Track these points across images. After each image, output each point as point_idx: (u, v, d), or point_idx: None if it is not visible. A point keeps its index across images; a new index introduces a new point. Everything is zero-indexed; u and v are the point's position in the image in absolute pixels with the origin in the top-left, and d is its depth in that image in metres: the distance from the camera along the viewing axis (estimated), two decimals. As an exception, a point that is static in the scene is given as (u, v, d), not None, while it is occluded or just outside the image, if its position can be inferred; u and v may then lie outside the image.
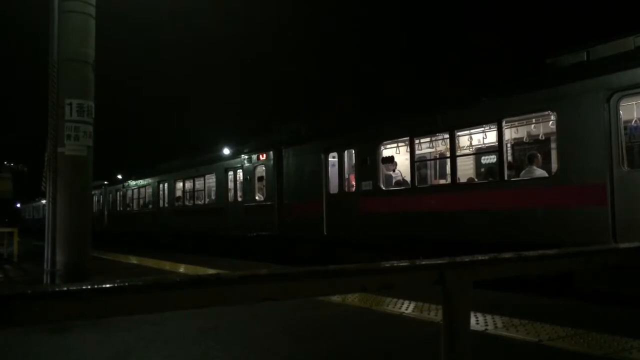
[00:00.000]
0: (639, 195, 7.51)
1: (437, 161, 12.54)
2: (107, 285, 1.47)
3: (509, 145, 10.65)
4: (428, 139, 11.91)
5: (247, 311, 6.20)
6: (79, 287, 1.43)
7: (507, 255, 2.19)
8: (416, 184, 11.36)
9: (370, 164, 12.21)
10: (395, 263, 1.90)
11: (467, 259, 2.06)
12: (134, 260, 15.80)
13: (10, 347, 5.04)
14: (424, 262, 1.97)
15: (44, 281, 7.63)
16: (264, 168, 16.66)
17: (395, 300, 6.97)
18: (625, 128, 8.06)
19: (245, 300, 1.67)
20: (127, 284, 1.50)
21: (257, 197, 17.09)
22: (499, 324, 5.45)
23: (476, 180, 11.03)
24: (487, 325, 5.43)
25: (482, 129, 10.72)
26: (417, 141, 11.57)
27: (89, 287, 1.44)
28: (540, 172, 9.26)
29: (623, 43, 8.46)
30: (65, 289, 1.37)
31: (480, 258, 2.10)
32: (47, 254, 7.50)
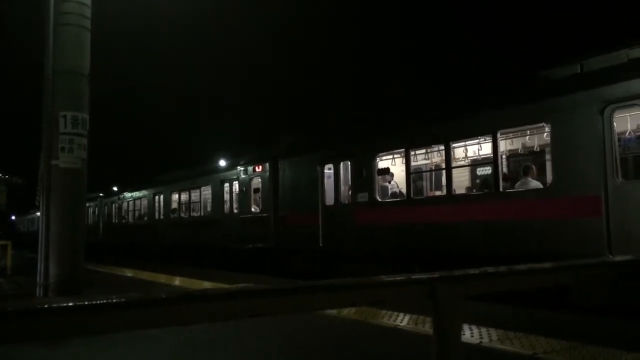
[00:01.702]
0: (633, 206, 7.51)
1: (433, 173, 12.54)
2: (93, 302, 1.45)
3: (504, 156, 10.66)
4: (424, 151, 11.92)
5: (242, 324, 6.13)
6: (63, 305, 1.40)
7: (499, 269, 2.18)
8: (412, 196, 11.36)
9: (366, 176, 12.21)
10: (385, 278, 1.88)
11: (458, 273, 2.04)
12: (129, 272, 15.70)
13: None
14: (415, 277, 1.95)
15: (37, 294, 7.56)
16: (259, 180, 16.63)
17: (390, 312, 6.93)
18: (619, 140, 8.08)
19: (233, 317, 1.65)
20: (113, 300, 1.48)
21: (253, 209, 17.05)
22: (494, 337, 5.42)
23: (474, 190, 11.04)
24: (481, 337, 5.39)
25: (477, 140, 10.74)
26: (412, 153, 11.58)
27: (74, 304, 1.42)
28: (535, 184, 9.26)
29: (616, 56, 8.51)
30: (46, 306, 1.35)
31: (471, 272, 2.08)
32: (41, 266, 7.44)
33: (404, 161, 11.57)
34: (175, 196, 22.95)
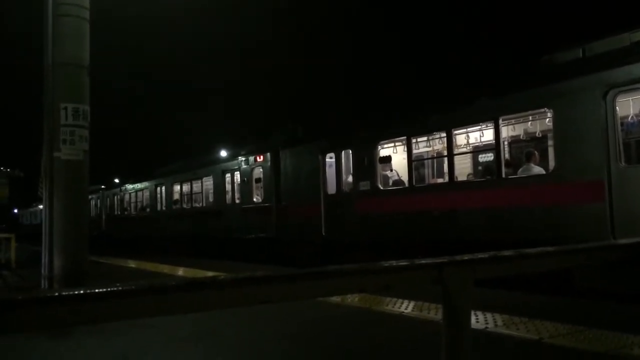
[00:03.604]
0: (636, 191, 7.50)
1: (435, 160, 12.53)
2: (101, 290, 1.44)
3: (506, 143, 10.63)
4: (425, 138, 11.89)
5: (245, 313, 6.17)
6: (71, 292, 1.40)
7: (507, 253, 2.17)
8: (414, 184, 11.34)
9: (368, 164, 12.19)
10: (394, 263, 1.87)
11: (466, 258, 2.03)
12: (132, 264, 15.75)
13: (6, 352, 5.00)
14: (423, 262, 1.94)
15: (42, 286, 7.58)
16: (261, 170, 16.62)
17: (394, 299, 6.94)
18: (622, 124, 8.04)
19: (241, 304, 1.64)
20: (121, 288, 1.47)
21: (254, 199, 17.05)
22: (499, 322, 5.43)
23: (476, 178, 11.02)
24: (487, 323, 5.40)
25: (479, 127, 10.71)
26: (414, 140, 11.54)
27: (82, 292, 1.42)
28: (537, 170, 9.24)
29: (618, 39, 8.46)
30: (56, 294, 1.34)
31: (480, 256, 2.07)
32: (45, 259, 7.44)
33: (406, 149, 11.55)
34: (176, 187, 22.97)
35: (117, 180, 32.09)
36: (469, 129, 10.99)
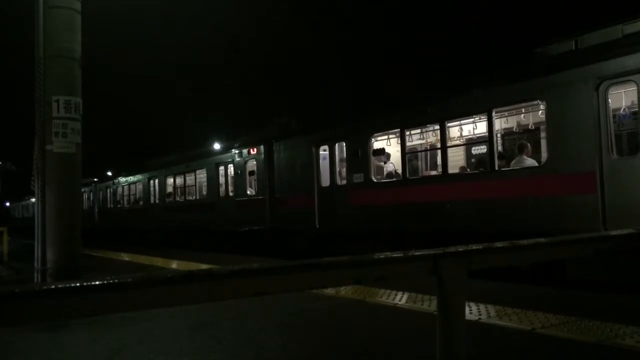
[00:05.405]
0: (628, 182, 7.55)
1: (428, 152, 12.55)
2: (96, 283, 1.44)
3: (499, 135, 10.67)
4: (419, 131, 11.90)
5: (241, 306, 6.19)
6: (66, 285, 1.40)
7: (502, 244, 2.18)
8: (407, 176, 11.37)
9: (362, 157, 12.20)
10: (389, 254, 1.88)
11: (461, 249, 2.04)
12: (125, 257, 15.72)
13: (4, 344, 4.99)
14: (418, 253, 1.96)
15: (35, 280, 7.56)
16: (254, 162, 16.60)
17: (388, 291, 6.97)
18: (614, 116, 8.09)
19: (237, 295, 1.65)
20: (117, 280, 1.47)
21: (248, 192, 17.04)
22: (492, 313, 5.47)
23: (469, 170, 11.05)
24: (480, 314, 5.44)
25: (472, 119, 10.73)
26: (407, 133, 11.56)
27: (77, 284, 1.42)
28: (530, 162, 9.28)
29: (611, 31, 8.48)
30: (52, 287, 1.34)
31: (474, 247, 2.09)
32: (38, 252, 7.42)
33: (399, 141, 11.57)
34: (170, 180, 22.89)
35: (110, 173, 31.93)
36: (462, 121, 11.02)
